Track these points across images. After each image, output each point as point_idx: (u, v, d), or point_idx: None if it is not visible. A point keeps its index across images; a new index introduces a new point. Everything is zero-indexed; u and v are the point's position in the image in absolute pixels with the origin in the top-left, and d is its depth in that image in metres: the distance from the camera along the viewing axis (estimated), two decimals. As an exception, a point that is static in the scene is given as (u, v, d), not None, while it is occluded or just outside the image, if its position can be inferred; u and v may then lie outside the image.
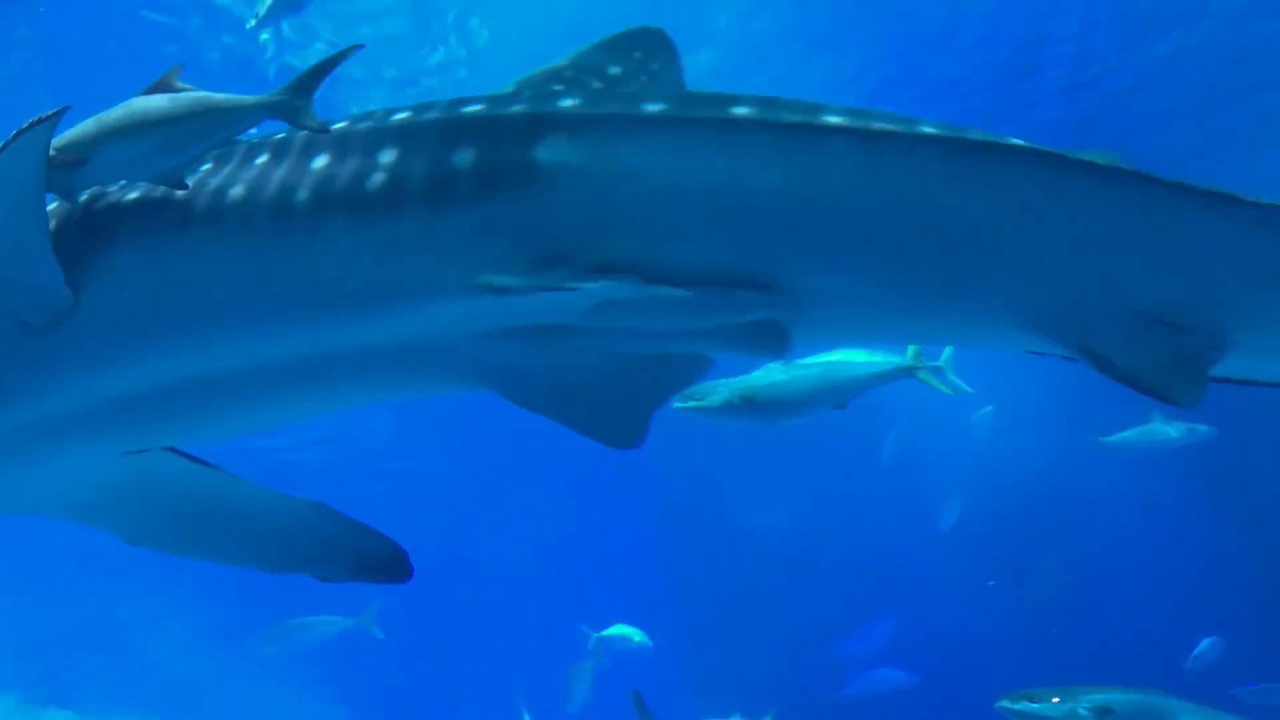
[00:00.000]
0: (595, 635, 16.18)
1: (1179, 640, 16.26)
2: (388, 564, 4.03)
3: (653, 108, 2.96)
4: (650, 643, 16.27)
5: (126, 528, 4.00)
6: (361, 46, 3.24)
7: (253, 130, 3.18)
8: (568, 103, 3.01)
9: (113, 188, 3.25)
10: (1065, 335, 2.94)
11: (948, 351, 10.50)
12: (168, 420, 3.45)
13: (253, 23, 8.74)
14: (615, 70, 3.50)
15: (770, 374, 7.95)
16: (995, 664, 19.21)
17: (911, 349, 8.89)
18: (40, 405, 3.31)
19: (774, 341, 3.05)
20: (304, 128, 3.06)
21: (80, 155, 2.99)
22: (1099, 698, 6.56)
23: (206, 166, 3.24)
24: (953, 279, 2.92)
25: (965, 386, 10.53)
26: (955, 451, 17.71)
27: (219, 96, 3.09)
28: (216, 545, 4.10)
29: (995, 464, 17.94)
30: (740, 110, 2.91)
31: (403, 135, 3.08)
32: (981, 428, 16.63)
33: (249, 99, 3.09)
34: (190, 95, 3.07)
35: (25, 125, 2.79)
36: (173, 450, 3.79)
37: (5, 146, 2.83)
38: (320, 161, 3.09)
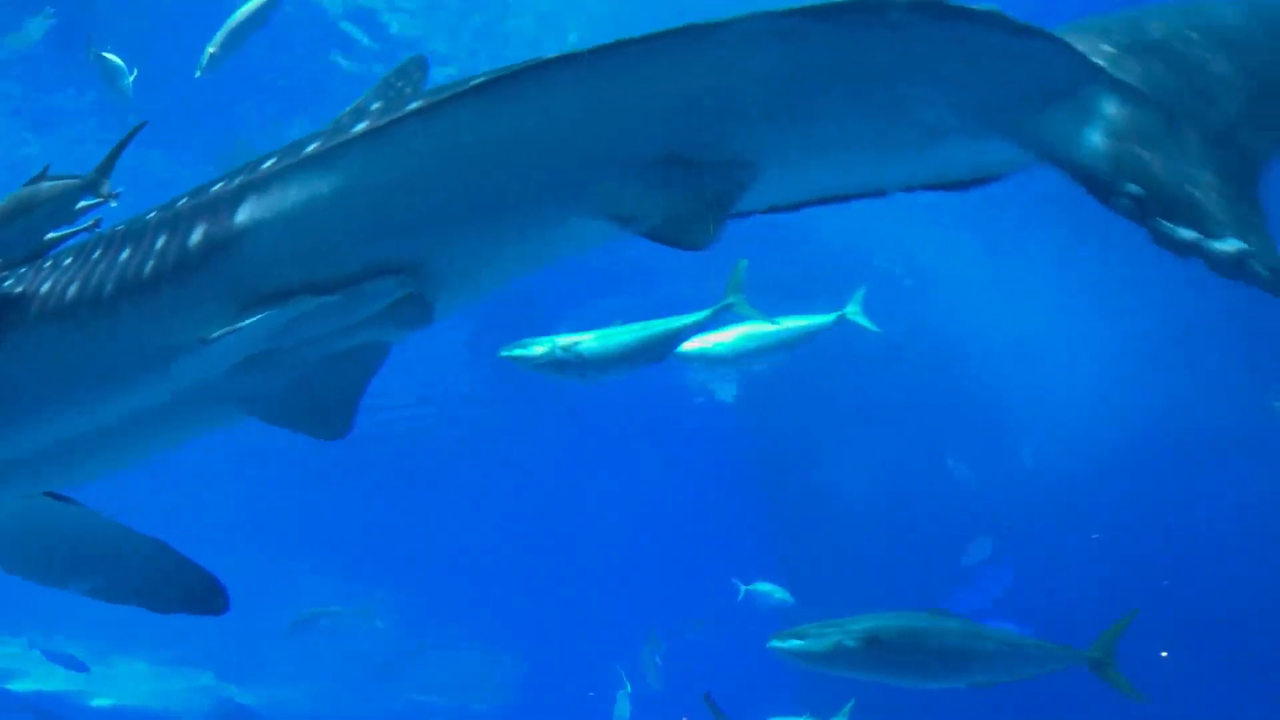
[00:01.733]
0: (744, 588, 17.05)
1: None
2: (208, 598, 4.79)
3: (307, 150, 3.54)
4: (791, 599, 16.91)
5: (5, 561, 4.79)
6: (146, 123, 4.09)
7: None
8: (266, 164, 3.63)
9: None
10: (614, 210, 3.24)
11: (859, 294, 10.88)
12: (51, 471, 4.28)
13: (199, 72, 9.17)
14: (376, 105, 4.10)
15: (595, 331, 8.43)
16: (1106, 616, 19.29)
17: (730, 289, 9.57)
18: None
19: (420, 313, 3.67)
20: (103, 198, 3.92)
21: None
22: (865, 626, 6.86)
23: (67, 261, 4.03)
24: (534, 209, 3.38)
25: (873, 327, 10.90)
26: (1060, 403, 17.72)
27: (60, 184, 3.89)
28: (76, 576, 4.86)
29: (1102, 413, 17.87)
30: (358, 127, 3.43)
31: (172, 221, 3.79)
32: None
33: (73, 181, 3.90)
34: (41, 186, 3.89)
35: None
36: (48, 493, 4.56)
37: None
38: (124, 252, 3.85)
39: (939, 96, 2.72)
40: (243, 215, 3.51)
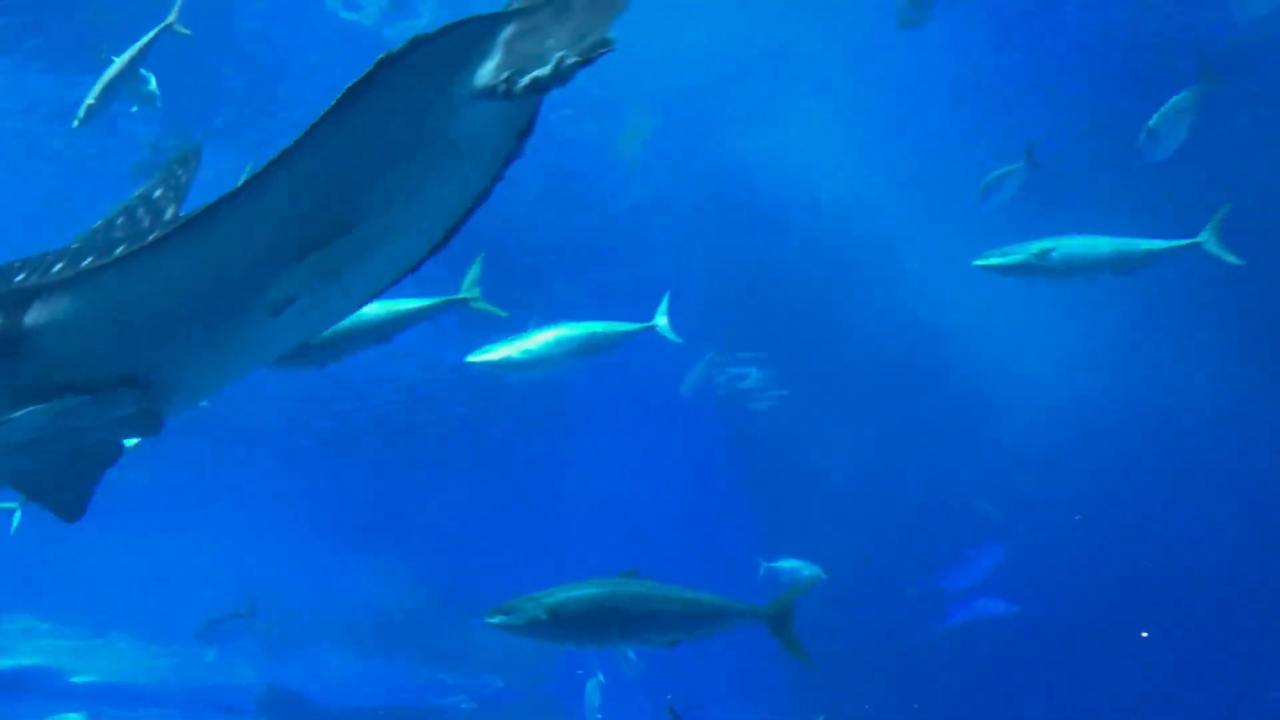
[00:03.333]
0: (766, 565, 17.49)
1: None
2: None
3: (84, 264, 4.08)
4: (825, 575, 17.18)
5: None
6: None
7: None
8: (56, 268, 4.17)
9: None
10: (282, 299, 4.01)
11: (665, 301, 11.53)
12: None
13: (77, 123, 9.57)
14: (158, 193, 4.80)
15: None
16: (1089, 593, 19.85)
17: (467, 281, 10.03)
18: None
19: (152, 423, 4.36)
20: None
21: None
22: (554, 599, 7.50)
23: None
24: (229, 324, 4.12)
25: (675, 338, 11.55)
26: (1045, 388, 18.09)
27: None
28: None
29: (1084, 399, 18.26)
30: (112, 254, 4.01)
31: None
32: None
33: None
34: None
35: None
36: None
37: None
38: None
39: (437, 105, 3.53)
40: (31, 316, 4.01)
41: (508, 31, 3.39)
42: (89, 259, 3.97)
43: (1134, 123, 13.13)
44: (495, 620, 7.59)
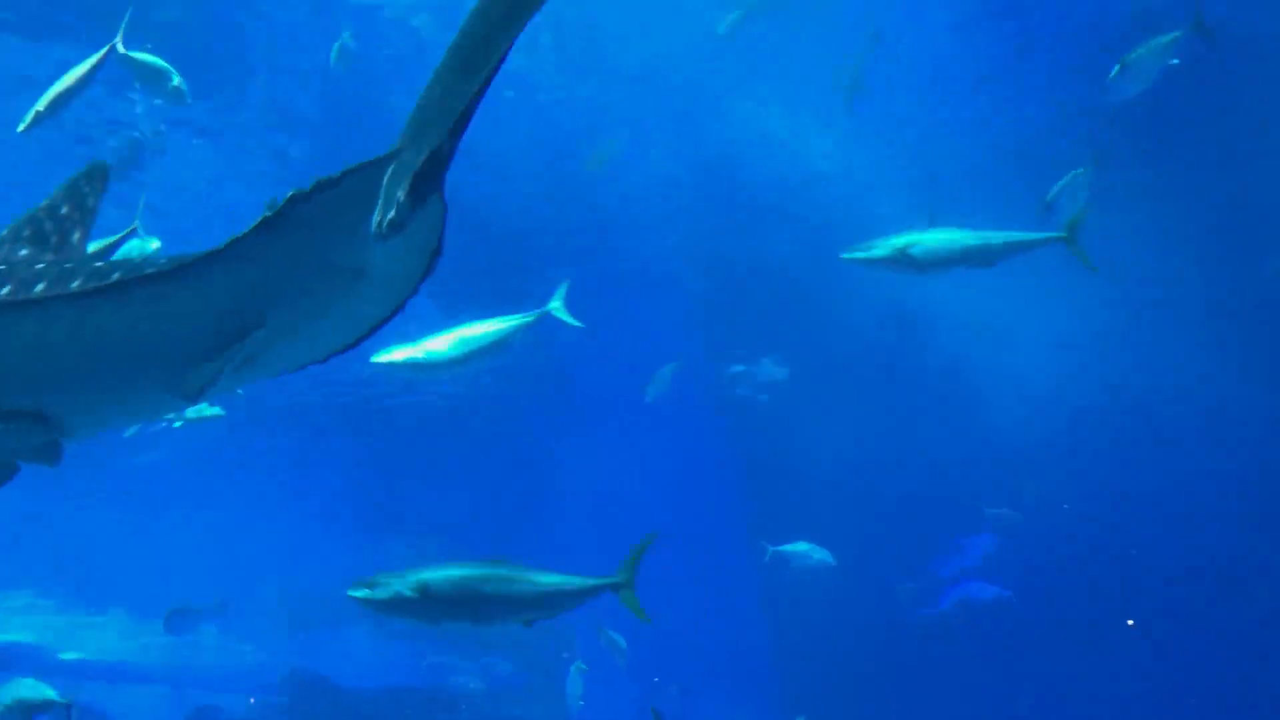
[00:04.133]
0: (772, 549, 17.61)
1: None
2: None
3: (2, 292, 4.19)
4: (833, 561, 17.37)
5: None
6: None
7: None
8: None
9: None
10: (197, 386, 4.22)
11: (562, 289, 11.76)
12: None
13: (22, 127, 9.66)
14: (65, 210, 4.88)
15: None
16: (1076, 579, 20.11)
17: None
18: None
19: (53, 454, 4.51)
20: None
21: None
22: (420, 577, 7.58)
23: None
24: (134, 393, 4.32)
25: (576, 323, 11.76)
26: (1034, 381, 18.32)
27: None
28: None
29: (1075, 391, 18.63)
30: (33, 288, 4.08)
31: None
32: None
33: None
34: None
35: None
36: None
37: None
38: None
39: (344, 235, 3.76)
40: None
41: (389, 173, 3.59)
42: (7, 288, 4.00)
43: (1127, 116, 13.39)
44: (359, 594, 7.55)
